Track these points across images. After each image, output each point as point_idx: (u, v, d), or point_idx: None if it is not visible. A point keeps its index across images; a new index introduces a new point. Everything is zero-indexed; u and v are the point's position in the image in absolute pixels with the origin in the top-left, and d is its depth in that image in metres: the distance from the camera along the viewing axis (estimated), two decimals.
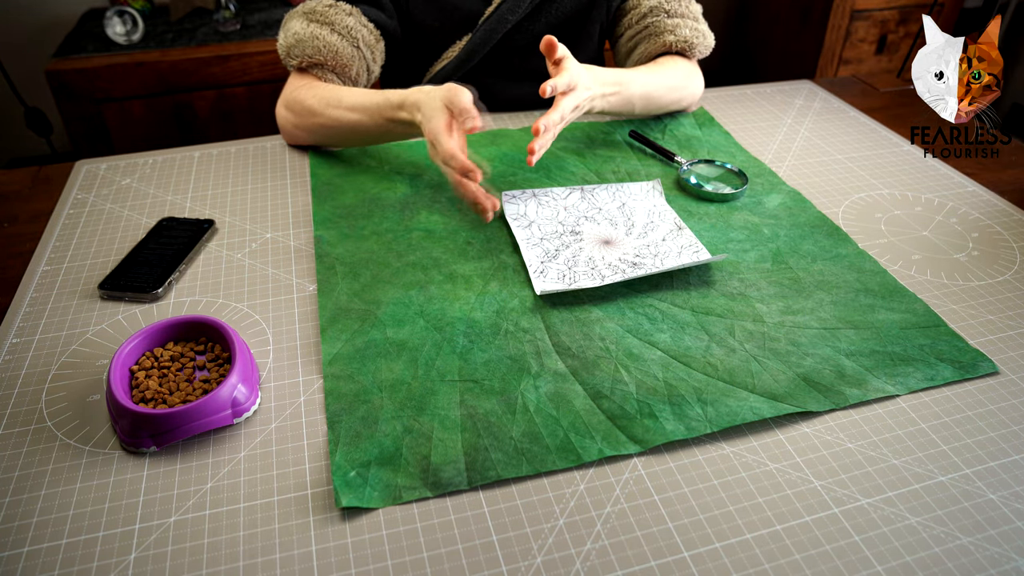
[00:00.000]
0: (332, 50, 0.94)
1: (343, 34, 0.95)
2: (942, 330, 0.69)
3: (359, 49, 0.97)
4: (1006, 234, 0.84)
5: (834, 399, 0.61)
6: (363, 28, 0.97)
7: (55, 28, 2.15)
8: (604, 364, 0.64)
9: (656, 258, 0.77)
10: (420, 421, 0.59)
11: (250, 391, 0.60)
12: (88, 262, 0.78)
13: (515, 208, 0.84)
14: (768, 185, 0.92)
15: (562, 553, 0.50)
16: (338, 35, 0.95)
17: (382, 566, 0.49)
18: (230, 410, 0.58)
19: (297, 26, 0.95)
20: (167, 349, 0.64)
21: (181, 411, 0.55)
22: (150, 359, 0.63)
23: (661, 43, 1.04)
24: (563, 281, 0.73)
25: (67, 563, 0.49)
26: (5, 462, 0.56)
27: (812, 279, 0.75)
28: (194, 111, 1.89)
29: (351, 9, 0.96)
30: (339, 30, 0.95)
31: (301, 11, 0.97)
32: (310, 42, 0.94)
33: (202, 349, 0.65)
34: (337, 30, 0.95)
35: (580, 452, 0.56)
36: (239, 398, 0.58)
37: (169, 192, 0.91)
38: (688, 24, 1.04)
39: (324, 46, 0.94)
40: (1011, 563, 0.50)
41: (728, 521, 0.52)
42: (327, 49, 0.94)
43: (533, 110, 1.11)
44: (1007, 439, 0.59)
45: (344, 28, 0.95)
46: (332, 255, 0.77)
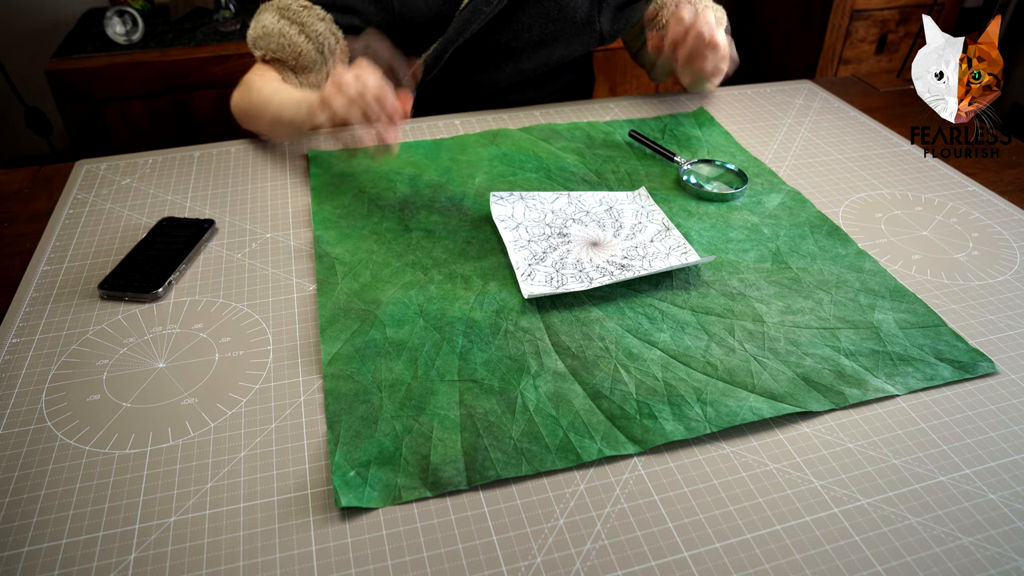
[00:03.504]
0: (296, 51, 0.96)
1: (311, 37, 0.96)
2: (942, 330, 0.69)
3: (323, 55, 0.98)
4: (1006, 234, 0.84)
5: (834, 399, 0.61)
6: (331, 36, 0.97)
7: (55, 28, 2.15)
8: (604, 364, 0.64)
9: (644, 260, 0.77)
10: (420, 421, 0.59)
11: None
12: (88, 262, 0.78)
13: (502, 209, 0.84)
14: (768, 185, 0.92)
15: (562, 553, 0.50)
16: (306, 37, 0.96)
17: (382, 566, 0.49)
18: None
19: (268, 19, 0.97)
20: None
21: None
22: None
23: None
24: (551, 284, 0.73)
25: (67, 563, 0.49)
26: (5, 462, 0.56)
27: (812, 279, 0.75)
28: (194, 111, 1.89)
29: (324, 15, 0.97)
30: (308, 32, 0.96)
31: (276, 5, 0.98)
32: (276, 37, 0.95)
33: None
34: (306, 32, 0.96)
35: (580, 452, 0.56)
36: None
37: (169, 192, 0.91)
38: (709, 3, 1.09)
39: (289, 45, 0.95)
40: (1011, 563, 0.50)
41: (728, 521, 0.52)
42: (291, 48, 0.96)
43: (520, 102, 1.11)
44: (1007, 439, 0.59)
45: (313, 32, 0.96)
46: (332, 255, 0.77)
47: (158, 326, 0.70)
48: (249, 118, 0.98)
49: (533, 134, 1.03)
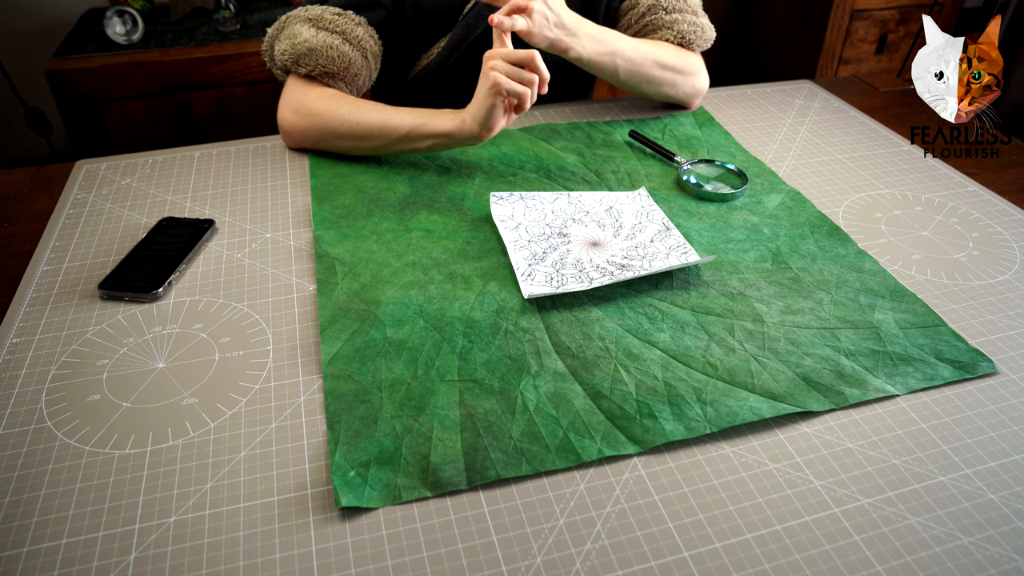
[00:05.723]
0: (346, 61, 0.94)
1: (355, 44, 0.95)
2: (942, 330, 0.69)
3: (367, 60, 0.97)
4: (1006, 234, 0.84)
5: (834, 399, 0.61)
6: (370, 39, 0.97)
7: (55, 28, 2.15)
8: (604, 364, 0.64)
9: (644, 259, 0.77)
10: (420, 421, 0.59)
11: None
12: (88, 262, 0.78)
13: (502, 210, 0.84)
14: (768, 185, 0.92)
15: (562, 553, 0.50)
16: (350, 45, 0.95)
17: (382, 566, 0.49)
18: None
19: (305, 32, 0.94)
20: None
21: None
22: None
23: (657, 39, 1.04)
24: (551, 284, 0.73)
25: (67, 563, 0.49)
26: (5, 462, 0.56)
27: (812, 279, 0.75)
28: (194, 111, 1.89)
29: (359, 19, 0.96)
30: (351, 40, 0.95)
31: (304, 17, 0.95)
32: (324, 51, 0.93)
33: None
34: (349, 40, 0.95)
35: (580, 452, 0.56)
36: None
37: (169, 192, 0.91)
38: (687, 19, 1.04)
39: (338, 56, 0.94)
40: (1011, 563, 0.50)
41: (728, 521, 0.52)
42: (341, 60, 0.94)
43: (532, 107, 1.11)
44: (1007, 439, 0.59)
45: (355, 39, 0.95)
46: (332, 255, 0.77)
47: (158, 326, 0.70)
48: (325, 140, 0.95)
49: (533, 134, 1.03)
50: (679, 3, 1.05)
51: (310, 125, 0.94)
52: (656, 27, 1.05)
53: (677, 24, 1.03)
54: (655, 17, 1.04)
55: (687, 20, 1.04)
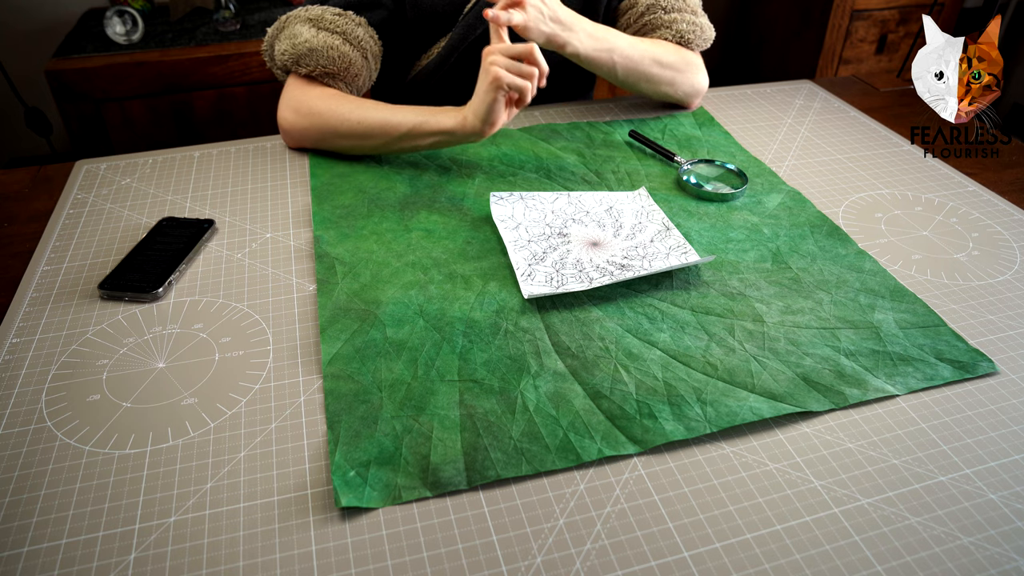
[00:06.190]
0: (346, 61, 0.94)
1: (355, 45, 0.95)
2: (942, 330, 0.69)
3: (367, 60, 0.97)
4: (1006, 234, 0.84)
5: (834, 399, 0.61)
6: (370, 39, 0.97)
7: (55, 28, 2.15)
8: (604, 364, 0.64)
9: (644, 259, 0.77)
10: (420, 421, 0.59)
11: None
12: (88, 262, 0.78)
13: (502, 210, 0.84)
14: (768, 185, 0.92)
15: (562, 553, 0.50)
16: (351, 46, 0.95)
17: (382, 566, 0.49)
18: None
19: (305, 33, 0.94)
20: None
21: None
22: None
23: (657, 38, 1.04)
24: (551, 284, 0.73)
25: (67, 563, 0.49)
26: (5, 462, 0.56)
27: (812, 279, 0.75)
28: (194, 111, 1.89)
29: (359, 19, 0.96)
30: (351, 40, 0.95)
31: (305, 17, 0.95)
32: (325, 52, 0.93)
33: None
34: (350, 40, 0.95)
35: (580, 452, 0.56)
36: None
37: (169, 192, 0.91)
38: (685, 18, 1.04)
39: (339, 57, 0.94)
40: (1011, 563, 0.50)
41: (728, 521, 0.52)
42: (342, 60, 0.94)
43: (532, 106, 1.11)
44: (1007, 439, 0.59)
45: (355, 39, 0.95)
46: (332, 255, 0.77)
47: (158, 326, 0.70)
48: (325, 139, 0.95)
49: (533, 134, 1.03)
50: (678, 2, 1.05)
51: (311, 125, 0.94)
52: (655, 26, 1.05)
53: (676, 23, 1.03)
54: (654, 16, 1.05)
55: (686, 20, 1.04)
